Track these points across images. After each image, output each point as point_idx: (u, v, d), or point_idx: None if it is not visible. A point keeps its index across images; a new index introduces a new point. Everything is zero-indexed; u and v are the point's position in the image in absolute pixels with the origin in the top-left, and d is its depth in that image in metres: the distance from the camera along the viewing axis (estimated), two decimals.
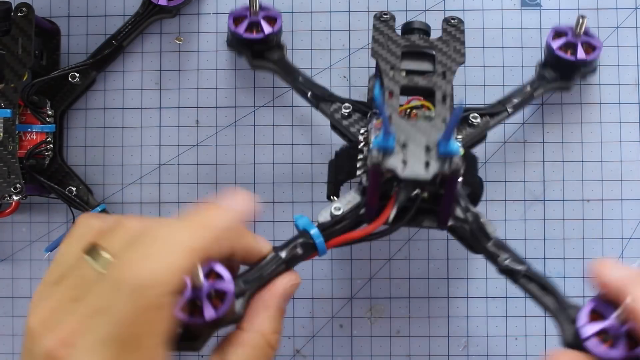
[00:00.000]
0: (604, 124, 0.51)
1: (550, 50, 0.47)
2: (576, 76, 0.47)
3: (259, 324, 0.36)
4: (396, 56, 0.41)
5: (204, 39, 0.52)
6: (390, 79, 0.40)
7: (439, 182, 0.36)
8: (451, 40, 0.42)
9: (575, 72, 0.47)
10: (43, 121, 0.49)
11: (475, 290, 0.51)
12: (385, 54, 0.42)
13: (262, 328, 0.35)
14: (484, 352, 0.51)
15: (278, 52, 0.48)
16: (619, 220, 0.51)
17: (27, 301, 0.52)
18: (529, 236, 0.51)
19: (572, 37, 0.46)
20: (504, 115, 0.46)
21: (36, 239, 0.52)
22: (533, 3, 0.52)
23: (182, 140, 0.52)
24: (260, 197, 0.51)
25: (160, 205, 0.52)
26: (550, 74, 0.47)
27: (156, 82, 0.52)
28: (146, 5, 0.51)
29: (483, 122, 0.45)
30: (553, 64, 0.47)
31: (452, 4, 0.52)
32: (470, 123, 0.45)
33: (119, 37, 0.51)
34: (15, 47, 0.47)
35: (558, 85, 0.47)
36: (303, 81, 0.47)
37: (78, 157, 0.52)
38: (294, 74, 0.47)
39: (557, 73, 0.47)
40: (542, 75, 0.47)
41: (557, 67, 0.47)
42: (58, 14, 0.53)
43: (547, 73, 0.47)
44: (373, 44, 0.42)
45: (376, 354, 0.51)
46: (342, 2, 0.52)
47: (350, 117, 0.45)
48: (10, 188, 0.46)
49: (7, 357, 0.52)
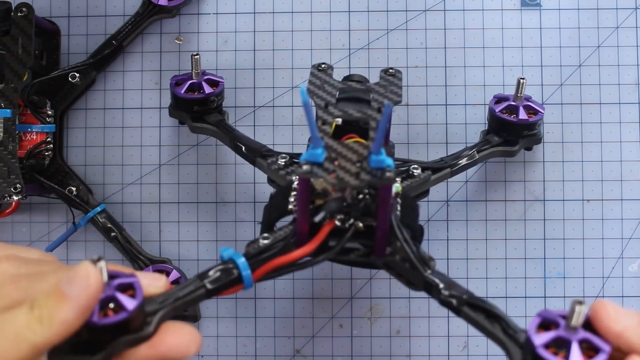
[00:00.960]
0: (604, 124, 0.51)
1: (492, 112, 0.47)
2: (520, 141, 0.47)
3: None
4: (332, 95, 0.40)
5: (204, 39, 0.52)
6: (324, 111, 0.38)
7: (370, 203, 0.34)
8: (388, 85, 0.41)
9: (519, 137, 0.47)
10: (43, 121, 0.49)
11: (475, 290, 0.50)
12: (320, 93, 0.40)
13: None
14: (484, 352, 0.51)
15: (218, 115, 0.48)
16: (619, 220, 0.51)
17: None
18: (529, 236, 0.51)
19: (514, 100, 0.46)
20: (446, 172, 0.45)
21: (36, 239, 0.52)
22: (533, 3, 0.52)
23: (182, 140, 0.52)
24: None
25: (160, 205, 0.52)
26: (493, 138, 0.47)
27: (156, 82, 0.52)
28: (146, 5, 0.51)
29: (424, 176, 0.43)
30: (496, 128, 0.47)
31: (452, 4, 0.52)
32: (411, 174, 0.42)
33: (119, 37, 0.51)
34: (15, 47, 0.47)
35: (502, 149, 0.47)
36: (240, 138, 0.47)
37: (78, 157, 0.52)
38: (232, 133, 0.47)
39: (501, 138, 0.47)
40: (487, 140, 0.47)
41: (500, 132, 0.47)
42: (58, 14, 0.53)
43: (491, 137, 0.47)
44: (309, 85, 0.41)
45: (376, 354, 0.51)
46: (342, 2, 0.52)
47: (287, 167, 0.43)
48: (10, 188, 0.46)
49: None
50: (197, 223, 0.52)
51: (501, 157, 0.48)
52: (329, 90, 0.41)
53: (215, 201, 0.52)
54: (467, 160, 0.46)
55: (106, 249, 0.52)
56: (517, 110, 0.46)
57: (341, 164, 0.34)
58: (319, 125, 0.37)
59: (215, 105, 0.48)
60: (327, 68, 0.43)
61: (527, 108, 0.47)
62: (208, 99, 0.47)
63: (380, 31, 0.52)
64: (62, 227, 0.52)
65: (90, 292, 0.30)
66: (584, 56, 0.51)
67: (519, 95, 0.46)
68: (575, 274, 0.51)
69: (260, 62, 0.52)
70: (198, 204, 0.52)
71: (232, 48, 0.52)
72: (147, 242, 0.52)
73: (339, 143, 0.36)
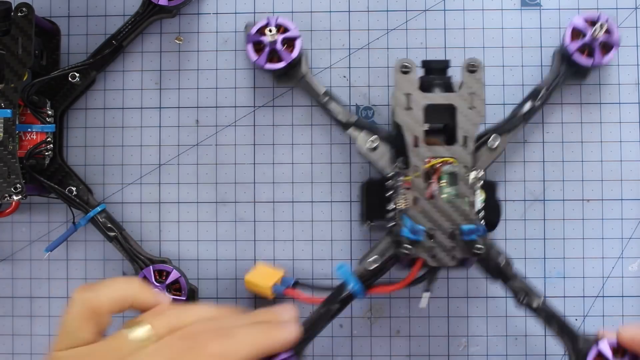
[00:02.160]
0: (604, 124, 0.51)
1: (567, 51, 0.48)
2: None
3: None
4: (419, 123, 0.44)
5: (204, 39, 0.52)
6: (416, 154, 0.44)
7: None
8: (470, 95, 0.44)
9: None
10: (43, 121, 0.49)
11: (475, 290, 0.51)
12: (409, 122, 0.44)
13: None
14: (484, 352, 0.51)
15: (300, 69, 0.49)
16: (619, 220, 0.51)
17: (27, 301, 0.52)
18: (529, 236, 0.51)
19: (590, 38, 0.47)
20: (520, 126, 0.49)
21: (36, 239, 0.52)
22: (533, 3, 0.52)
23: (182, 140, 0.52)
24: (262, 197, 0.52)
25: (160, 205, 0.52)
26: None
27: (156, 82, 0.52)
28: (146, 5, 0.51)
29: (502, 143, 0.47)
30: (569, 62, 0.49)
31: (452, 4, 0.52)
32: (490, 147, 0.47)
33: (119, 37, 0.51)
34: (15, 47, 0.47)
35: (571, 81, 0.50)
36: (327, 103, 0.49)
37: (78, 157, 0.52)
38: (317, 97, 0.49)
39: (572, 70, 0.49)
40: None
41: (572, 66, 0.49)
42: (58, 14, 0.53)
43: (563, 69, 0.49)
44: (396, 108, 0.44)
45: (376, 354, 0.51)
46: (342, 2, 0.52)
47: (376, 150, 0.47)
48: (10, 188, 0.46)
49: (7, 357, 0.52)
50: (197, 223, 0.52)
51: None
52: (415, 113, 0.44)
53: (215, 201, 0.52)
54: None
55: (106, 249, 0.52)
56: (593, 51, 0.48)
57: (437, 239, 0.43)
58: (413, 178, 0.44)
59: (295, 62, 0.49)
60: (411, 68, 0.44)
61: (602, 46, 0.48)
62: (289, 64, 0.48)
63: (380, 31, 0.52)
64: (62, 227, 0.52)
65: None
66: None
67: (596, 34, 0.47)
68: (575, 274, 0.51)
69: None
70: (198, 204, 0.52)
71: (232, 48, 0.52)
72: (147, 242, 0.52)
73: (432, 207, 0.43)
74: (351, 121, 0.48)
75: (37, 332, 0.52)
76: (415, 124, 0.44)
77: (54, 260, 0.52)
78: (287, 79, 0.50)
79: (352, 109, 0.51)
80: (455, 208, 0.43)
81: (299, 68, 0.49)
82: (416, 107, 0.44)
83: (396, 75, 0.44)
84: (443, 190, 0.43)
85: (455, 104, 0.44)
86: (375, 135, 0.47)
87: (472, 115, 0.44)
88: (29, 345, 0.52)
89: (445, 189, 0.43)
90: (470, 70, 0.44)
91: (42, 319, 0.52)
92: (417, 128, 0.44)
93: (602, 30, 0.47)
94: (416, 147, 0.44)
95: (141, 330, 0.35)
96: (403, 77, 0.44)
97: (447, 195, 0.43)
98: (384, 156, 0.47)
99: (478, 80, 0.44)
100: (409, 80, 0.44)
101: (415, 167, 0.43)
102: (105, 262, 0.52)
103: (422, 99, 0.44)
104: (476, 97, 0.44)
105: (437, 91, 0.45)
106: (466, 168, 0.43)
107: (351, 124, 0.48)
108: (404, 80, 0.44)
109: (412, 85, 0.44)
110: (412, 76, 0.44)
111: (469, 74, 0.44)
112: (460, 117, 0.44)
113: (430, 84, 0.45)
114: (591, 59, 0.47)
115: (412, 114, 0.44)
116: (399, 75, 0.44)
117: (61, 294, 0.52)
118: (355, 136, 0.48)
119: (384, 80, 0.51)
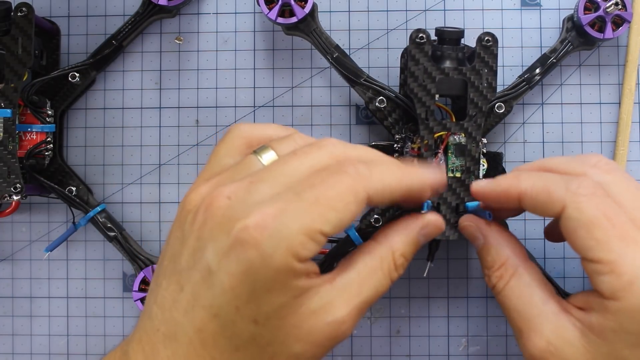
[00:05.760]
0: (604, 124, 0.51)
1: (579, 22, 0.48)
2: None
3: (393, 241, 0.37)
4: (431, 96, 0.44)
5: (204, 39, 0.52)
6: (425, 127, 0.44)
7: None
8: (483, 69, 0.44)
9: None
10: (43, 121, 0.49)
11: (475, 290, 0.51)
12: (421, 95, 0.44)
13: (395, 245, 0.36)
14: (484, 352, 0.51)
15: (310, 23, 0.49)
16: None
17: (27, 301, 0.52)
18: (529, 236, 0.51)
19: (603, 11, 0.48)
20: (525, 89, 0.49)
21: (36, 239, 0.52)
22: (533, 3, 0.52)
23: (182, 140, 0.52)
24: None
25: (160, 205, 0.52)
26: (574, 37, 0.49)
27: (156, 82, 0.52)
28: (146, 5, 0.51)
29: (507, 110, 0.48)
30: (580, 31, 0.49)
31: (452, 4, 0.52)
32: (496, 113, 0.47)
33: (119, 37, 0.51)
34: (15, 47, 0.47)
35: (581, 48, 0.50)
36: (337, 58, 0.49)
37: (78, 157, 0.52)
38: (328, 51, 0.49)
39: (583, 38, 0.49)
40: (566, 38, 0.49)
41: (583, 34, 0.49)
42: (58, 14, 0.53)
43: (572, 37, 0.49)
44: (408, 80, 0.44)
45: (376, 354, 0.51)
46: (342, 2, 0.52)
47: (383, 111, 0.47)
48: (10, 188, 0.46)
49: (7, 357, 0.52)
50: None
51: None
52: (428, 84, 0.44)
53: None
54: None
55: (106, 249, 0.52)
56: (605, 25, 0.48)
57: (441, 212, 0.43)
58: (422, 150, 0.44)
59: (306, 17, 0.48)
60: (426, 40, 0.44)
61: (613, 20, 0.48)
62: (300, 19, 0.48)
63: (380, 31, 0.52)
64: (62, 227, 0.52)
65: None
66: (584, 56, 0.51)
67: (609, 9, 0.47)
68: (575, 274, 0.51)
69: (260, 62, 0.52)
70: None
71: (232, 48, 0.52)
72: (147, 242, 0.52)
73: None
74: (361, 77, 0.48)
75: (37, 332, 0.52)
76: (427, 96, 0.44)
77: (54, 260, 0.52)
78: (298, 32, 0.49)
79: (353, 108, 0.51)
80: (460, 183, 0.43)
81: (311, 21, 0.49)
82: (428, 80, 0.44)
83: (410, 45, 0.44)
84: (449, 161, 0.44)
85: (467, 78, 0.44)
86: (383, 96, 0.48)
87: (484, 90, 0.44)
88: (29, 345, 0.52)
89: (451, 159, 0.44)
90: (485, 45, 0.44)
91: (42, 319, 0.52)
92: (429, 100, 0.44)
93: (617, 7, 0.47)
94: (426, 120, 0.44)
95: (269, 154, 0.35)
96: (417, 47, 0.44)
97: (453, 168, 0.44)
98: (391, 116, 0.47)
99: (492, 55, 0.44)
100: (423, 52, 0.44)
101: (423, 137, 0.44)
102: (105, 262, 0.52)
103: (434, 71, 0.44)
104: (489, 71, 0.44)
105: (449, 63, 0.45)
106: (475, 142, 0.44)
107: (360, 81, 0.48)
108: (418, 51, 0.44)
109: (425, 56, 0.44)
110: (426, 47, 0.44)
111: (483, 47, 0.44)
112: (472, 91, 0.44)
113: (442, 54, 0.45)
114: (601, 33, 0.48)
115: (424, 86, 0.44)
116: (413, 45, 0.44)
117: (61, 294, 0.52)
118: (363, 93, 0.48)
119: (384, 80, 0.51)
